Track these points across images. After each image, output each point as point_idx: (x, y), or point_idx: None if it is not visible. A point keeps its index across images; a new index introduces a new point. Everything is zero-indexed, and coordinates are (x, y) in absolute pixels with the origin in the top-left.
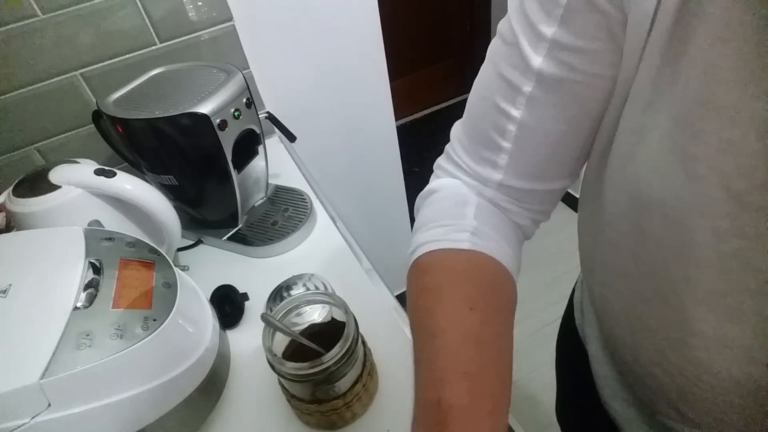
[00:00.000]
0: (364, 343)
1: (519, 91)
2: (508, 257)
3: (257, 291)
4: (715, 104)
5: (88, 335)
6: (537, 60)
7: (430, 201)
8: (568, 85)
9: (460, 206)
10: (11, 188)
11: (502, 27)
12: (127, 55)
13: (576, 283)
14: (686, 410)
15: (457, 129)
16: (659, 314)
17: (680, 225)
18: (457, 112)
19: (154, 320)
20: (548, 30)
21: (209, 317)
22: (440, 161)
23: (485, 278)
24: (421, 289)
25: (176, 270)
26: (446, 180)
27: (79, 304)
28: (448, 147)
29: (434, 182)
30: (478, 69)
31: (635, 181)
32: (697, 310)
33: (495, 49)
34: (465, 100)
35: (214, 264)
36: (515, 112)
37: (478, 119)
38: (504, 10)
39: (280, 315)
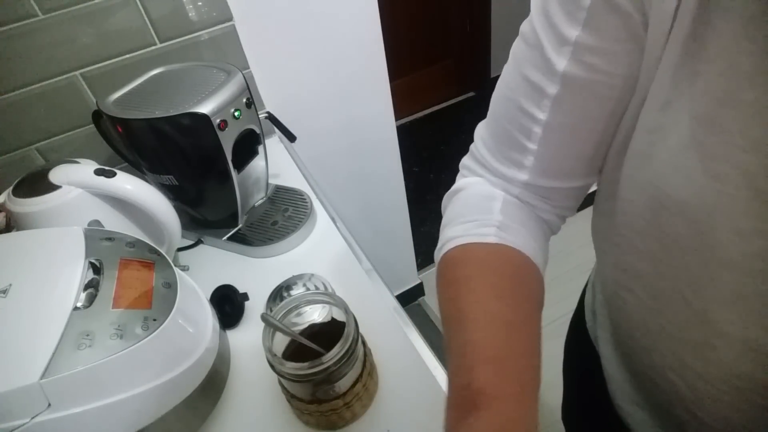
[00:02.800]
0: (364, 343)
1: (544, 94)
2: (534, 250)
3: (257, 291)
4: (739, 102)
5: (88, 335)
6: (561, 63)
7: (457, 198)
8: (591, 86)
9: (486, 201)
10: (11, 188)
11: (524, 28)
12: (127, 55)
13: (587, 284)
14: (703, 414)
15: (480, 129)
16: (679, 317)
17: (702, 225)
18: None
19: (154, 320)
20: (572, 33)
21: (209, 317)
22: (465, 161)
23: (511, 269)
24: (450, 280)
25: (176, 270)
26: (472, 179)
27: (79, 304)
28: (472, 147)
29: (460, 181)
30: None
31: (655, 181)
32: (722, 312)
33: (518, 50)
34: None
35: (214, 264)
36: (541, 115)
37: (503, 120)
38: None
39: (280, 315)
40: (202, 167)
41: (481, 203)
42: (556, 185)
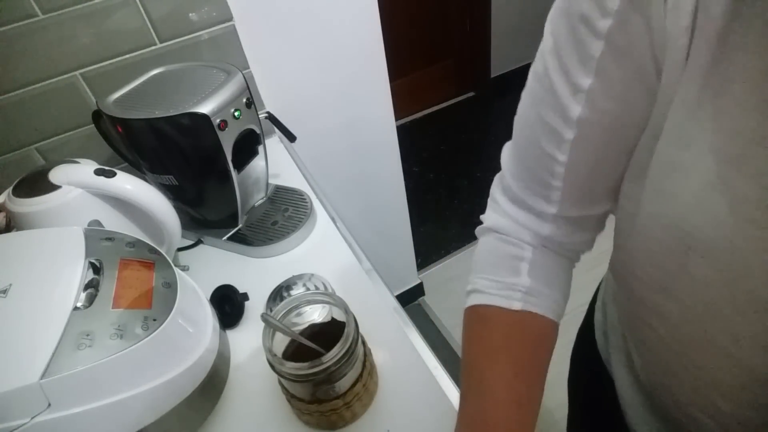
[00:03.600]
0: (364, 343)
1: (562, 138)
2: (558, 307)
3: (257, 291)
4: None
5: (88, 335)
6: (576, 110)
7: (489, 242)
8: (608, 128)
9: (515, 261)
10: (11, 188)
11: (537, 69)
12: (127, 55)
13: (595, 300)
14: None
15: (507, 159)
16: (707, 360)
17: (734, 268)
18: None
19: (154, 320)
20: (584, 81)
21: (209, 317)
22: (496, 192)
23: (531, 344)
24: (474, 339)
25: (176, 270)
26: (503, 221)
27: (79, 304)
28: (501, 177)
29: (492, 218)
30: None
31: (680, 223)
32: (758, 352)
33: (532, 90)
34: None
35: (214, 264)
36: (561, 157)
37: (528, 158)
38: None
39: (280, 315)
40: (202, 167)
41: (510, 263)
42: (584, 213)
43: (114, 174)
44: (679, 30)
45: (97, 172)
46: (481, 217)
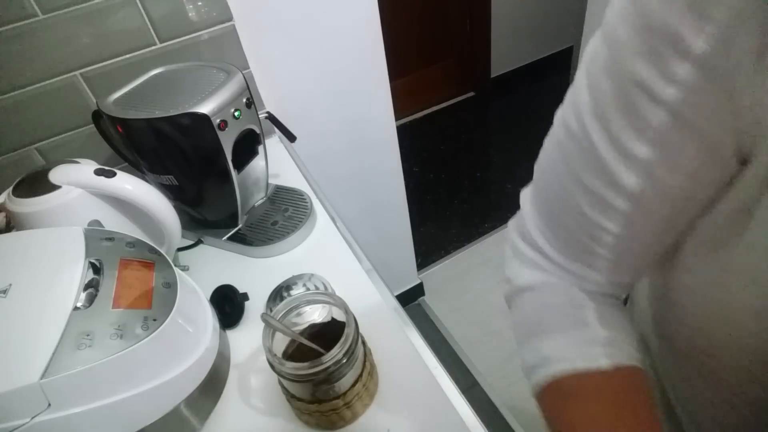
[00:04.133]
0: (364, 343)
1: (611, 207)
2: (638, 353)
3: (257, 291)
4: None
5: (88, 335)
6: (629, 180)
7: (533, 300)
8: (672, 200)
9: (576, 310)
10: (11, 188)
11: (569, 125)
12: (127, 55)
13: None
14: None
15: (532, 215)
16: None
17: None
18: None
19: (154, 320)
20: (640, 149)
21: (209, 317)
22: (520, 245)
23: (632, 401)
24: (567, 418)
25: (176, 270)
26: (544, 277)
27: (79, 304)
28: (521, 228)
29: (527, 275)
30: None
31: (727, 314)
32: None
33: (564, 146)
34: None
35: (214, 264)
36: (611, 226)
37: (567, 222)
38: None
39: (280, 315)
40: (202, 167)
41: (572, 312)
42: (632, 281)
43: (114, 174)
44: None
45: (97, 172)
46: (507, 274)
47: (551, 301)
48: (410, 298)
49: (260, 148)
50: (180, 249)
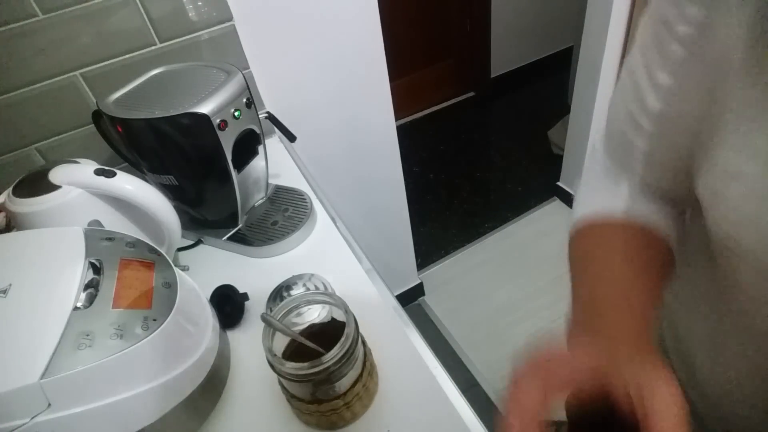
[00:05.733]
0: (364, 343)
1: (640, 127)
2: (664, 224)
3: (257, 291)
4: None
5: (88, 335)
6: (654, 104)
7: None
8: (684, 125)
9: (611, 177)
10: (11, 188)
11: (627, 61)
12: (127, 55)
13: None
14: None
15: (602, 135)
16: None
17: None
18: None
19: (154, 320)
20: (664, 79)
21: (209, 317)
22: (591, 163)
23: (640, 241)
24: (582, 250)
25: (176, 270)
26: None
27: (79, 304)
28: (595, 150)
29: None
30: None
31: (723, 224)
32: None
33: (621, 80)
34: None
35: (214, 264)
36: (640, 142)
37: (615, 136)
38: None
39: (280, 315)
40: (202, 167)
41: (609, 178)
42: (666, 185)
43: (114, 174)
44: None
45: (97, 172)
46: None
47: (597, 169)
48: (410, 298)
49: (260, 148)
50: (180, 249)
